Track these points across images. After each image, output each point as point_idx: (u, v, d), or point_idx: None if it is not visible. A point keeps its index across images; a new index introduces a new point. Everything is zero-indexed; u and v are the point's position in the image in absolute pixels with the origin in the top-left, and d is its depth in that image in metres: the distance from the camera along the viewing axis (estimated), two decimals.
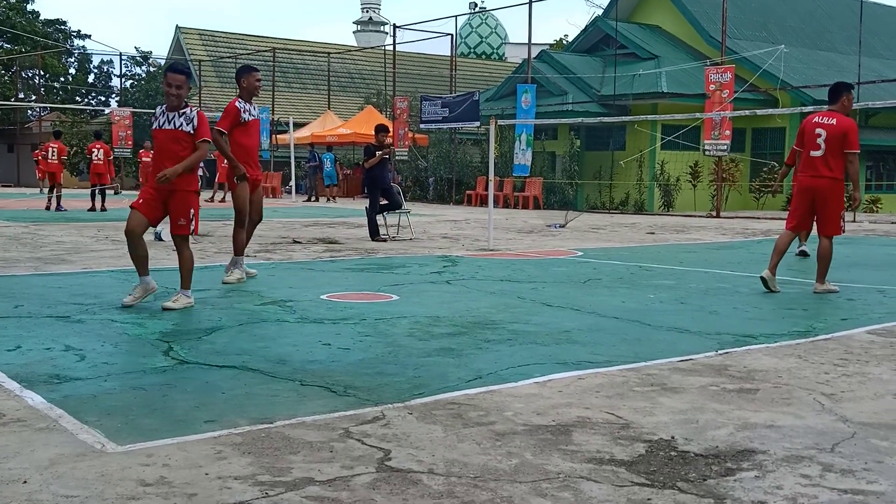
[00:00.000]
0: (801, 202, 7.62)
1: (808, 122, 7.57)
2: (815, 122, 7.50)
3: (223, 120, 7.91)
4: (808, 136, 7.49)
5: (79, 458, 3.12)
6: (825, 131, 7.40)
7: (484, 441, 3.36)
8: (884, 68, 28.54)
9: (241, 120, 7.93)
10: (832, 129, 7.39)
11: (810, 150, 7.45)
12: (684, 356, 4.92)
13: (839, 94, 7.60)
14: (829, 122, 7.45)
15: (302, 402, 3.88)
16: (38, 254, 10.28)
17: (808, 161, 7.50)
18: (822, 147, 7.38)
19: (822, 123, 7.46)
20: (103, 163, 20.59)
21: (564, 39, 46.66)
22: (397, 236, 13.44)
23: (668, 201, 25.19)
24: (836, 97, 7.60)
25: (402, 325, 5.80)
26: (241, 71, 8.23)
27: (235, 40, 48.10)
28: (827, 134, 7.38)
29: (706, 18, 27.74)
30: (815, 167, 7.44)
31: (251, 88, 8.10)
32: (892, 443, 3.40)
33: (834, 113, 7.56)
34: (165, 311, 6.20)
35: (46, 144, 21.22)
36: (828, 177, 7.43)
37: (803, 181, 7.56)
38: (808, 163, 7.51)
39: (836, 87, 7.73)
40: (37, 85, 44.16)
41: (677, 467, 3.10)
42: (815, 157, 7.42)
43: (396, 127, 27.68)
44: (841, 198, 7.66)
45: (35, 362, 4.60)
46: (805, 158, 7.53)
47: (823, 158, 7.40)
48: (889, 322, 6.15)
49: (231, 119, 7.88)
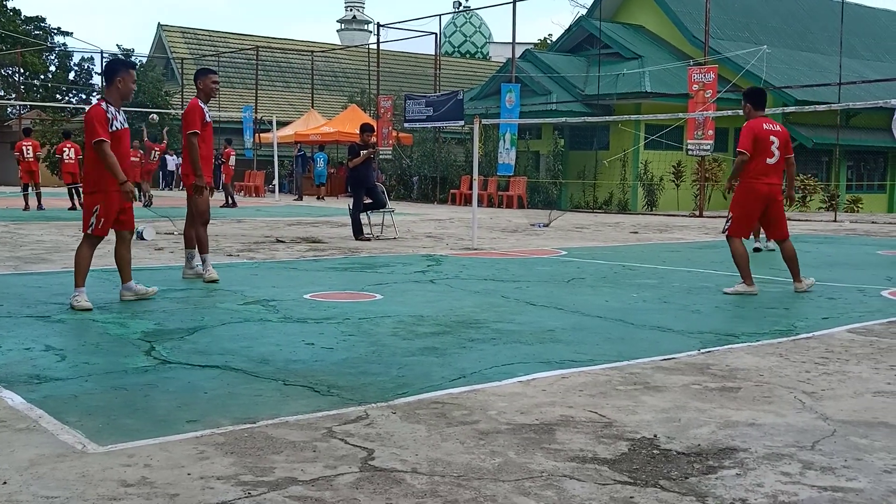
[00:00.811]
0: (757, 209, 7.57)
1: (760, 129, 7.45)
2: (767, 130, 7.46)
3: (195, 121, 7.82)
4: (763, 144, 7.42)
5: (59, 458, 3.10)
6: (777, 139, 7.46)
7: (467, 440, 3.36)
8: (864, 69, 28.77)
9: (204, 121, 7.93)
10: (781, 136, 7.52)
11: (766, 158, 7.42)
12: (667, 355, 4.94)
13: (765, 100, 7.81)
14: (776, 128, 7.55)
15: (285, 402, 3.87)
16: (17, 253, 10.20)
17: (764, 168, 7.43)
18: (775, 154, 7.45)
19: (772, 131, 7.49)
20: (74, 161, 20.42)
21: (549, 39, 46.73)
22: (381, 235, 13.43)
23: (651, 201, 25.30)
24: (765, 103, 7.77)
25: (386, 325, 5.80)
26: (198, 73, 8.12)
27: (218, 38, 47.89)
28: (779, 141, 7.48)
29: (689, 19, 27.87)
30: (770, 174, 7.47)
31: (207, 90, 8.04)
32: (872, 440, 3.43)
33: (771, 119, 7.71)
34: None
35: (19, 144, 20.80)
36: (779, 183, 7.58)
37: (762, 189, 7.47)
38: (764, 170, 7.43)
39: (763, 93, 7.90)
40: (17, 83, 43.78)
41: (660, 465, 3.11)
42: (770, 164, 7.45)
43: (380, 126, 27.64)
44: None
45: (15, 362, 4.56)
46: (762, 165, 7.42)
47: (777, 165, 7.50)
48: (869, 321, 6.20)
49: (199, 118, 7.86)
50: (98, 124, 6.25)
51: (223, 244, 11.75)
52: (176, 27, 47.33)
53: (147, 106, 38.80)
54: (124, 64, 6.84)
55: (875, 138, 27.30)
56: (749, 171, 7.47)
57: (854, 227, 17.90)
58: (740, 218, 7.63)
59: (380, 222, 13.92)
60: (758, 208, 7.59)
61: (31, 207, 19.83)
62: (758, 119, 7.57)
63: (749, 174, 7.48)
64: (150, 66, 43.53)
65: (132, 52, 45.36)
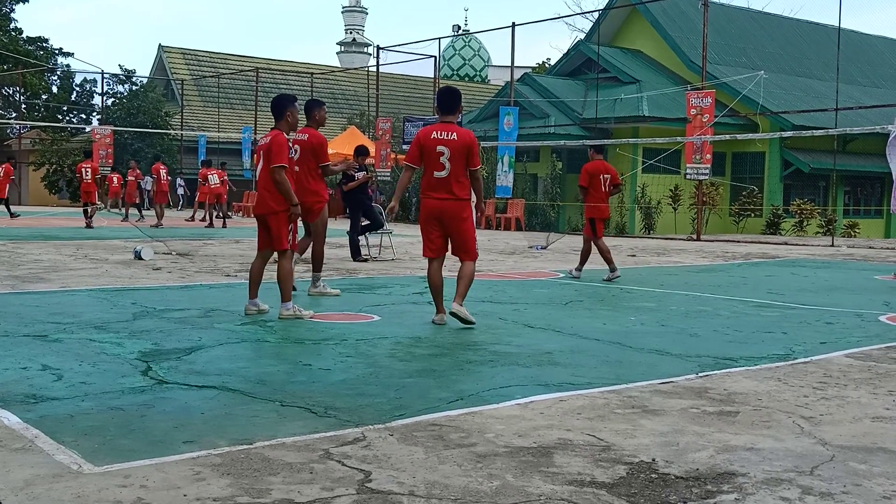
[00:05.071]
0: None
1: (427, 137, 6.60)
2: (435, 139, 6.57)
3: (285, 155, 7.81)
4: (431, 154, 6.58)
5: (55, 478, 3.08)
6: (447, 148, 6.53)
7: (465, 463, 3.35)
8: (861, 95, 28.95)
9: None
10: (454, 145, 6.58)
11: (434, 171, 6.58)
12: (665, 378, 4.93)
13: (459, 100, 6.83)
14: (451, 136, 6.59)
15: (282, 423, 3.85)
16: (15, 272, 10.19)
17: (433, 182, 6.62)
18: (446, 166, 6.53)
19: (441, 139, 6.57)
20: (91, 181, 21.20)
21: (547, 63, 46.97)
22: (379, 257, 13.43)
23: (649, 224, 25.34)
24: (456, 105, 6.78)
25: (384, 346, 5.78)
26: (314, 104, 8.52)
27: (218, 59, 48.10)
28: (451, 151, 6.53)
29: (687, 44, 28.07)
30: (438, 188, 6.61)
31: (322, 121, 8.52)
32: (871, 466, 3.42)
33: (453, 126, 6.69)
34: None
35: (80, 165, 22.16)
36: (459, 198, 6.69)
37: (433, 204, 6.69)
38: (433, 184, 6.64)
39: (454, 94, 6.85)
40: (17, 102, 43.90)
41: (658, 490, 3.10)
42: (439, 177, 6.56)
43: (379, 147, 27.73)
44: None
45: (11, 381, 4.54)
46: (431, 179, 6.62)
47: (449, 178, 6.55)
48: (867, 346, 6.20)
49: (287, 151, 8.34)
50: (283, 151, 6.96)
51: (221, 264, 11.75)
52: (176, 48, 47.54)
53: (147, 126, 38.93)
54: (291, 99, 7.41)
55: (872, 163, 27.43)
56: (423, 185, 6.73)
57: (851, 251, 17.93)
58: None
59: (378, 243, 13.93)
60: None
61: (92, 225, 20.73)
62: (430, 127, 6.78)
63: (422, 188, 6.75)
64: (150, 86, 43.70)
65: (133, 72, 45.55)
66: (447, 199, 6.60)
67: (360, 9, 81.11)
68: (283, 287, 7.02)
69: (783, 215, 25.60)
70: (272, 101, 7.36)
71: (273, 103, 7.33)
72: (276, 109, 7.22)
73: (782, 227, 25.24)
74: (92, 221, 20.99)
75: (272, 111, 7.29)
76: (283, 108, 7.19)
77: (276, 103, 7.27)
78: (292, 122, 7.24)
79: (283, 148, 6.98)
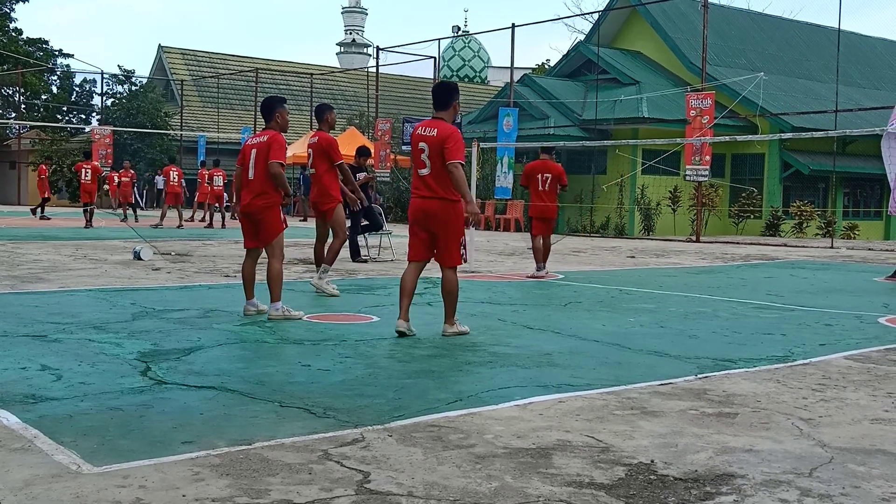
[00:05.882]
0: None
1: (413, 134, 6.36)
2: (419, 136, 6.28)
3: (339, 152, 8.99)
4: (414, 151, 6.32)
5: (54, 478, 3.08)
6: (427, 144, 6.20)
7: (464, 464, 3.35)
8: (861, 97, 28.96)
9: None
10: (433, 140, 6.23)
11: (418, 169, 6.29)
12: (664, 380, 4.93)
13: (452, 96, 6.45)
14: (431, 132, 6.23)
15: (281, 424, 3.85)
16: (14, 272, 10.18)
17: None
18: (426, 164, 6.23)
19: (423, 136, 6.25)
20: (92, 181, 21.27)
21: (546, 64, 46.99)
22: (378, 257, 13.43)
23: (648, 225, 25.35)
24: (449, 101, 6.42)
25: (383, 347, 5.79)
26: (325, 108, 9.17)
27: (218, 60, 48.14)
28: (430, 147, 6.20)
29: (687, 45, 28.07)
30: (421, 187, 6.32)
31: (333, 123, 9.10)
32: (870, 468, 3.42)
33: (439, 121, 6.33)
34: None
35: (79, 165, 22.27)
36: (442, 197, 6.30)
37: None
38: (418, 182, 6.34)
39: (446, 89, 6.52)
40: (17, 102, 43.90)
41: (657, 491, 3.10)
42: (423, 175, 6.26)
43: (378, 148, 27.73)
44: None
45: (10, 382, 4.54)
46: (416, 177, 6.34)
47: (431, 176, 6.22)
48: (866, 348, 6.20)
49: None
50: (283, 150, 7.02)
51: (220, 265, 11.75)
52: (176, 49, 47.57)
53: (146, 126, 38.94)
54: (280, 100, 7.41)
55: (871, 165, 27.39)
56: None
57: (851, 253, 17.94)
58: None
59: (377, 244, 13.93)
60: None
61: (92, 225, 20.80)
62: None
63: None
64: (149, 87, 43.70)
65: (133, 73, 45.57)
66: (429, 197, 6.22)
67: (360, 9, 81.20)
68: (272, 287, 7.02)
69: (782, 217, 25.61)
70: (262, 103, 7.44)
71: (263, 105, 7.40)
72: (266, 111, 7.29)
73: (782, 228, 25.25)
74: (91, 222, 21.00)
75: (262, 113, 7.38)
76: (273, 109, 7.25)
77: (266, 105, 7.34)
78: (282, 122, 7.27)
79: (283, 147, 7.06)
